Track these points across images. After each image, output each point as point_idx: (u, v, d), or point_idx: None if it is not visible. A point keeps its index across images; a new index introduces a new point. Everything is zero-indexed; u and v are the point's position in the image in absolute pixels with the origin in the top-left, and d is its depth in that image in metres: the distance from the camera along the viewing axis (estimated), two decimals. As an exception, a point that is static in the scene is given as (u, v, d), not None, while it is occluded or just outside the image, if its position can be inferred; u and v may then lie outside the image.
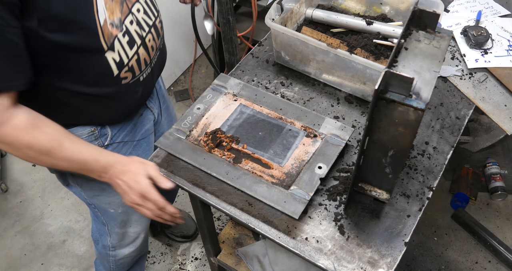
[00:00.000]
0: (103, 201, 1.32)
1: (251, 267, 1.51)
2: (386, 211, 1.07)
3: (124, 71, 1.06)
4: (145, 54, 1.11)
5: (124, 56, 1.04)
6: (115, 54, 1.01)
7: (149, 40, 1.11)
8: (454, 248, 2.06)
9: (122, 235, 1.48)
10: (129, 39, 1.04)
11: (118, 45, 1.01)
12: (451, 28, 1.53)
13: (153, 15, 1.13)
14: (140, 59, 1.09)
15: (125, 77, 1.07)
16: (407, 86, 0.75)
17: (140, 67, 1.11)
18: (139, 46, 1.08)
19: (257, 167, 1.11)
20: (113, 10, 0.98)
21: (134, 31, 1.05)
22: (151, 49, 1.13)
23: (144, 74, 1.14)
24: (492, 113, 1.31)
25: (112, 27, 0.98)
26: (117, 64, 1.03)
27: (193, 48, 2.75)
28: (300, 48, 1.27)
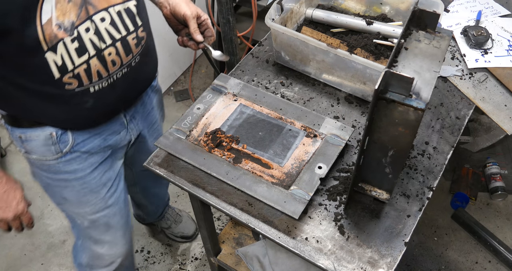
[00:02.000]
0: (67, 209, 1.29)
1: (251, 267, 1.50)
2: (386, 211, 1.07)
3: (67, 76, 1.00)
4: (100, 66, 1.03)
5: (68, 61, 0.98)
6: (57, 57, 0.95)
7: (110, 53, 1.04)
8: (454, 248, 2.06)
9: (96, 255, 1.41)
10: (79, 46, 0.97)
11: (62, 49, 0.95)
12: (451, 28, 1.53)
13: (126, 29, 1.05)
14: (91, 69, 1.02)
15: (69, 83, 1.01)
16: (407, 86, 0.75)
17: (91, 78, 1.03)
18: (91, 56, 1.01)
19: (257, 167, 1.11)
20: (65, 12, 0.92)
21: (88, 40, 0.99)
22: (110, 63, 1.05)
23: (97, 86, 1.06)
24: (492, 113, 1.31)
25: (58, 28, 0.92)
26: (58, 68, 0.97)
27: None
28: (300, 48, 1.27)
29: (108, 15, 1.01)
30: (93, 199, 1.26)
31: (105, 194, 1.28)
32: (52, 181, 1.21)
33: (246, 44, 2.28)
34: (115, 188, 1.31)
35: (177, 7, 1.18)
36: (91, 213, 1.28)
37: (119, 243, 1.41)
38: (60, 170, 1.18)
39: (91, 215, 1.28)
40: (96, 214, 1.29)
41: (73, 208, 1.27)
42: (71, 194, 1.23)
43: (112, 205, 1.30)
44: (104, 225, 1.32)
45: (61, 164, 1.17)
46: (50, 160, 1.16)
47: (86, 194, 1.24)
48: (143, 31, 1.12)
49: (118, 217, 1.34)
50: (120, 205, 1.34)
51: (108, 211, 1.30)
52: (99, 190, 1.26)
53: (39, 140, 1.12)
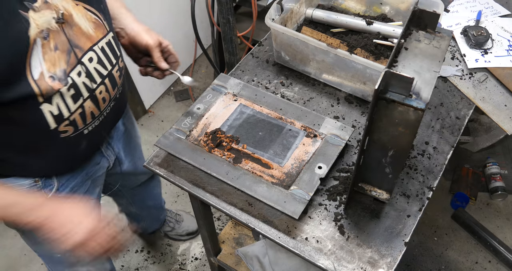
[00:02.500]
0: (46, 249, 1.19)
1: (251, 267, 1.50)
2: (386, 211, 1.07)
3: (63, 125, 0.96)
4: (93, 107, 1.01)
5: (64, 109, 0.93)
6: (53, 107, 0.91)
7: (100, 92, 1.01)
8: (454, 248, 2.06)
9: None
10: (75, 92, 0.94)
11: (58, 99, 0.91)
12: (451, 28, 1.53)
13: (110, 64, 1.03)
14: (85, 112, 0.99)
15: (64, 131, 0.97)
16: (407, 86, 0.75)
17: (85, 121, 1.01)
18: (85, 99, 0.98)
19: (257, 167, 1.11)
20: (54, 62, 0.88)
21: (81, 84, 0.95)
22: (101, 101, 1.03)
23: (90, 127, 1.04)
24: (492, 113, 1.31)
25: (52, 80, 0.88)
26: (54, 118, 0.93)
27: (193, 48, 2.75)
28: (300, 48, 1.27)
29: (94, 54, 0.98)
30: None
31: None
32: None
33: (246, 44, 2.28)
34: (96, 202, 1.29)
35: (137, 37, 1.14)
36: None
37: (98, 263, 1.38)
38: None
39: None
40: None
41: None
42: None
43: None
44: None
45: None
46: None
47: None
48: (122, 61, 1.10)
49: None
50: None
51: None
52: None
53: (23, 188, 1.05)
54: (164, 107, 2.68)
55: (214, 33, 2.34)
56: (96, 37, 0.98)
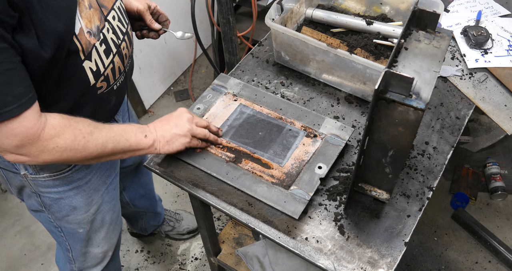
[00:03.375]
0: (72, 220, 1.26)
1: (251, 267, 1.50)
2: (386, 211, 1.07)
3: (100, 80, 1.03)
4: (120, 62, 1.08)
5: (100, 65, 1.01)
6: (92, 64, 0.98)
7: (124, 48, 1.09)
8: (454, 248, 2.06)
9: (88, 256, 1.42)
10: (106, 47, 1.01)
11: (95, 54, 0.98)
12: (451, 28, 1.53)
13: (126, 22, 1.11)
14: (115, 67, 1.07)
15: (100, 87, 1.04)
16: (407, 86, 0.75)
17: (115, 76, 1.08)
18: (114, 54, 1.05)
19: (257, 167, 1.11)
20: (90, 18, 0.95)
21: (110, 39, 1.03)
22: (124, 57, 1.11)
23: (118, 82, 1.11)
24: (492, 113, 1.31)
25: (89, 35, 0.95)
26: (93, 74, 1.00)
27: (193, 48, 2.75)
28: (300, 48, 1.27)
29: (115, 13, 1.06)
30: (97, 197, 1.27)
31: (104, 191, 1.29)
32: (63, 193, 1.19)
33: (246, 44, 2.28)
34: (113, 185, 1.33)
35: (127, 5, 1.22)
36: (94, 212, 1.28)
37: (111, 238, 1.43)
38: (73, 179, 1.17)
39: (93, 215, 1.29)
40: (96, 212, 1.29)
41: (80, 215, 1.26)
42: (80, 200, 1.22)
43: (107, 201, 1.32)
44: (100, 221, 1.33)
45: (74, 173, 1.16)
46: (65, 172, 1.14)
47: (91, 195, 1.24)
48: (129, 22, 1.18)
49: (111, 212, 1.36)
50: (113, 201, 1.35)
51: (104, 206, 1.32)
52: (100, 188, 1.27)
53: None
54: (164, 107, 2.68)
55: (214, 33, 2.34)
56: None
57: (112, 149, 0.99)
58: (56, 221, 1.27)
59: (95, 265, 1.46)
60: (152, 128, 1.06)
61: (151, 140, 1.04)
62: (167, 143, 1.06)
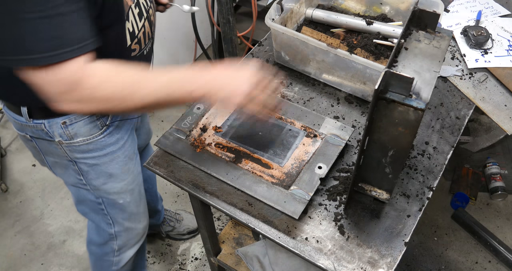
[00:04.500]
0: (111, 189, 1.28)
1: (251, 267, 1.50)
2: (386, 211, 1.07)
3: (134, 42, 1.06)
4: (148, 27, 1.11)
5: (136, 27, 1.04)
6: (129, 25, 1.02)
7: (151, 14, 1.13)
8: (454, 248, 2.06)
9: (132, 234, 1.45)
10: (139, 11, 1.05)
11: (131, 16, 1.02)
12: (451, 28, 1.53)
13: None
14: (145, 32, 1.10)
15: (134, 50, 1.07)
16: (407, 86, 0.75)
17: (145, 41, 1.11)
18: (145, 18, 1.08)
19: (257, 167, 1.11)
20: None
21: (142, 4, 1.06)
22: (152, 23, 1.14)
23: (147, 48, 1.14)
24: (492, 113, 1.31)
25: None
26: (130, 35, 1.03)
27: (193, 48, 2.75)
28: (300, 48, 1.27)
29: None
30: (131, 166, 1.30)
31: (136, 159, 1.32)
32: (99, 159, 1.21)
33: (246, 44, 2.28)
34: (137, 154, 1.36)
35: None
36: (131, 182, 1.32)
37: (147, 212, 1.47)
38: (106, 143, 1.19)
39: (131, 184, 1.32)
40: (133, 182, 1.33)
41: (117, 183, 1.28)
42: (116, 167, 1.25)
43: (140, 172, 1.36)
44: (139, 194, 1.37)
45: (107, 137, 1.18)
46: (97, 136, 1.16)
47: (127, 163, 1.27)
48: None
49: (142, 185, 1.40)
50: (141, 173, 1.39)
51: (139, 178, 1.36)
52: (134, 157, 1.31)
53: (84, 118, 1.12)
54: (164, 107, 2.67)
55: (214, 33, 2.34)
56: None
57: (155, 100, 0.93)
58: (96, 191, 1.28)
59: (135, 242, 1.50)
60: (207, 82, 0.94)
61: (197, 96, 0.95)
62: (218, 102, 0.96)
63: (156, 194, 1.90)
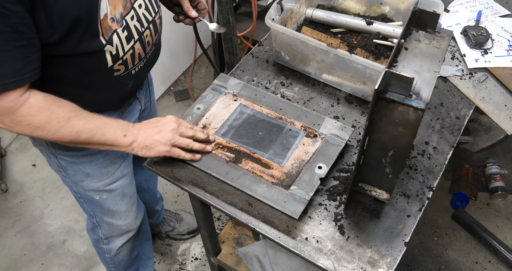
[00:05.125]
0: (88, 187, 1.32)
1: (251, 267, 1.50)
2: (386, 211, 1.07)
3: (118, 64, 1.07)
4: (141, 49, 1.12)
5: (120, 50, 1.05)
6: (112, 48, 1.03)
7: (147, 35, 1.12)
8: (454, 248, 2.06)
9: (113, 227, 1.48)
10: (128, 34, 1.05)
11: (116, 40, 1.02)
12: (451, 28, 1.53)
13: (154, 11, 1.14)
14: (135, 53, 1.10)
15: (117, 70, 1.08)
16: (407, 86, 0.75)
17: (134, 62, 1.12)
18: (136, 41, 1.08)
19: (257, 167, 1.11)
20: (115, 5, 1.00)
21: (133, 27, 1.06)
22: (147, 44, 1.14)
23: (137, 68, 1.15)
24: (492, 113, 1.31)
25: (112, 21, 1.00)
26: (112, 57, 1.04)
27: (193, 48, 2.75)
28: (300, 48, 1.27)
29: (142, 1, 1.10)
30: (113, 169, 1.32)
31: (121, 164, 1.34)
32: (77, 158, 1.24)
33: (246, 44, 2.28)
34: (129, 159, 1.38)
35: None
36: (110, 183, 1.34)
37: (132, 211, 1.48)
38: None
39: (109, 185, 1.34)
40: (113, 183, 1.35)
41: (94, 183, 1.31)
42: (94, 168, 1.28)
43: (126, 174, 1.38)
44: (120, 195, 1.39)
45: None
46: None
47: (107, 166, 1.29)
48: (160, 11, 1.20)
49: (130, 186, 1.42)
50: (131, 175, 1.42)
51: (123, 180, 1.37)
52: (117, 161, 1.32)
53: None
54: (164, 107, 2.68)
55: (214, 33, 2.34)
56: None
57: (86, 139, 1.02)
58: (73, 185, 1.33)
59: (120, 235, 1.53)
60: (136, 129, 1.07)
61: (129, 140, 1.06)
62: (146, 147, 1.07)
63: (155, 194, 1.90)
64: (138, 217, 1.54)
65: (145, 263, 1.78)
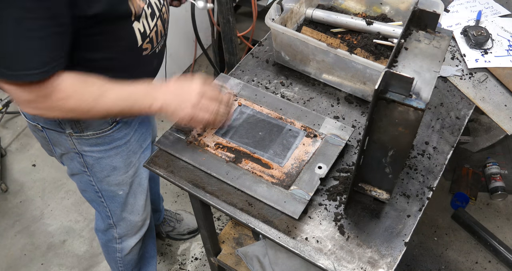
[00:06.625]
0: (113, 181, 1.33)
1: (251, 267, 1.50)
2: (386, 211, 1.07)
3: (146, 42, 1.09)
4: (161, 26, 1.13)
5: (147, 27, 1.06)
6: (140, 25, 1.04)
7: (164, 12, 1.14)
8: (454, 248, 2.06)
9: (131, 225, 1.49)
10: (151, 11, 1.07)
11: (143, 17, 1.04)
12: (451, 28, 1.53)
13: None
14: (158, 30, 1.12)
15: (145, 49, 1.10)
16: (407, 86, 0.75)
17: (158, 39, 1.14)
18: (157, 18, 1.10)
19: (257, 167, 1.11)
20: None
21: (154, 4, 1.08)
22: (165, 21, 1.16)
23: (159, 46, 1.17)
24: (492, 113, 1.31)
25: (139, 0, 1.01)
26: (141, 35, 1.06)
27: (193, 48, 2.75)
28: (300, 48, 1.27)
29: None
30: (134, 160, 1.33)
31: (140, 154, 1.35)
32: (105, 153, 1.25)
33: (246, 44, 2.28)
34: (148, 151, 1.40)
35: None
36: (133, 174, 1.35)
37: (147, 205, 1.50)
38: (114, 138, 1.24)
39: (131, 177, 1.36)
40: (133, 175, 1.36)
41: (120, 175, 1.32)
42: (120, 160, 1.29)
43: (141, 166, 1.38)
44: (140, 186, 1.40)
45: (115, 132, 1.23)
46: (107, 131, 1.21)
47: (130, 156, 1.31)
48: None
49: (145, 177, 1.43)
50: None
51: (141, 171, 1.39)
52: (137, 151, 1.34)
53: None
54: (164, 107, 2.67)
55: (214, 33, 2.34)
56: None
57: (116, 113, 1.06)
58: (97, 183, 1.33)
59: (135, 233, 1.54)
60: (162, 95, 1.05)
61: (155, 109, 1.05)
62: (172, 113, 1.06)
63: (158, 194, 1.90)
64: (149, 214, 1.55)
65: (148, 262, 1.78)
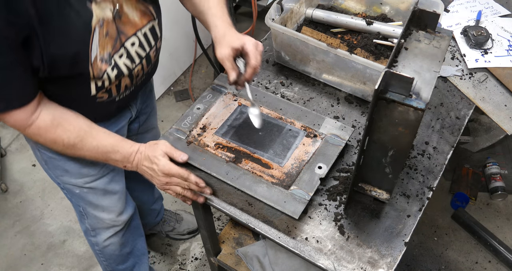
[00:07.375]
0: (66, 181, 1.33)
1: (251, 267, 1.50)
2: (386, 211, 1.07)
3: (101, 92, 1.08)
4: (128, 81, 1.12)
5: (106, 83, 1.06)
6: (99, 82, 1.04)
7: (137, 71, 1.12)
8: (454, 248, 2.06)
9: (97, 219, 1.48)
10: (117, 72, 1.05)
11: (105, 77, 1.03)
12: (451, 28, 1.53)
13: (149, 46, 1.12)
14: (120, 85, 1.11)
15: (100, 97, 1.09)
16: (407, 86, 0.75)
17: (119, 91, 1.12)
18: (126, 75, 1.09)
19: (257, 167, 1.10)
20: (104, 46, 1.00)
21: (123, 64, 1.06)
22: (135, 77, 1.14)
23: (122, 96, 1.15)
24: (492, 113, 1.31)
25: (101, 62, 1.00)
26: (97, 88, 1.06)
27: (193, 48, 2.75)
28: (300, 48, 1.27)
29: (136, 39, 1.08)
30: (92, 171, 1.32)
31: (103, 166, 1.33)
32: (57, 155, 1.25)
33: (246, 44, 2.27)
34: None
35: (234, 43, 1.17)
36: (90, 181, 1.34)
37: (117, 207, 1.47)
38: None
39: (89, 183, 1.34)
40: (93, 182, 1.35)
41: (72, 179, 1.32)
42: (73, 166, 1.28)
43: (107, 173, 1.36)
44: (101, 191, 1.39)
45: None
46: None
47: (86, 166, 1.29)
48: (160, 41, 1.18)
49: (113, 184, 1.40)
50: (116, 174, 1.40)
51: (104, 179, 1.37)
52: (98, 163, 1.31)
53: None
54: (164, 107, 2.68)
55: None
56: (141, 24, 1.08)
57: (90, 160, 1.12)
58: (55, 177, 1.34)
59: (105, 228, 1.52)
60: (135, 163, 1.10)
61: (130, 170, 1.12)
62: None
63: (153, 195, 1.89)
64: (125, 213, 1.52)
65: (140, 260, 1.77)
